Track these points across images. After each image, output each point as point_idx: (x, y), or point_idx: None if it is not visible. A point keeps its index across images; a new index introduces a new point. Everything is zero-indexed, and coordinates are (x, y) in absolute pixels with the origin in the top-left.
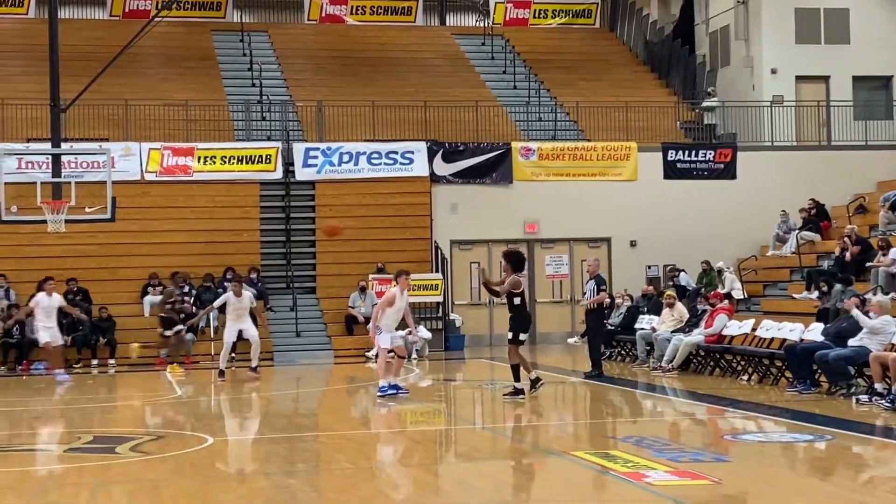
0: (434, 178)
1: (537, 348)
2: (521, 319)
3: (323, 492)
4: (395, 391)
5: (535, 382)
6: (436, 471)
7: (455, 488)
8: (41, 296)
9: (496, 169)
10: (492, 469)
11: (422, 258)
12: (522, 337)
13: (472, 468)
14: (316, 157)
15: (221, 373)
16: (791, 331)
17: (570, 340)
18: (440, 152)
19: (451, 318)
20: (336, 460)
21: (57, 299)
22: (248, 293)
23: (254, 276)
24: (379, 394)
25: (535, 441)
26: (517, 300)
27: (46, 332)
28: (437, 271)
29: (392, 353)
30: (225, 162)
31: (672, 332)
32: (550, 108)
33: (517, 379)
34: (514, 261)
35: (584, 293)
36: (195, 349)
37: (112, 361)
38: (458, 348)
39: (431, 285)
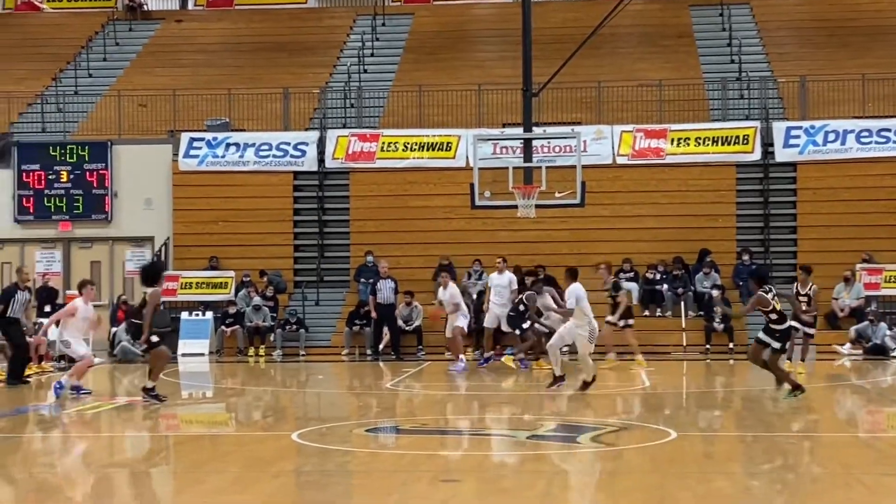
0: None
1: None
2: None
3: (788, 496)
4: None
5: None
6: None
7: None
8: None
9: None
10: None
11: None
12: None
13: None
14: (798, 137)
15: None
16: None
17: None
18: None
19: None
20: (805, 463)
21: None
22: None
23: (746, 258)
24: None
25: None
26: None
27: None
28: None
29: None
30: (699, 143)
31: None
32: None
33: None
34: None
35: None
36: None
37: None
38: None
39: None
